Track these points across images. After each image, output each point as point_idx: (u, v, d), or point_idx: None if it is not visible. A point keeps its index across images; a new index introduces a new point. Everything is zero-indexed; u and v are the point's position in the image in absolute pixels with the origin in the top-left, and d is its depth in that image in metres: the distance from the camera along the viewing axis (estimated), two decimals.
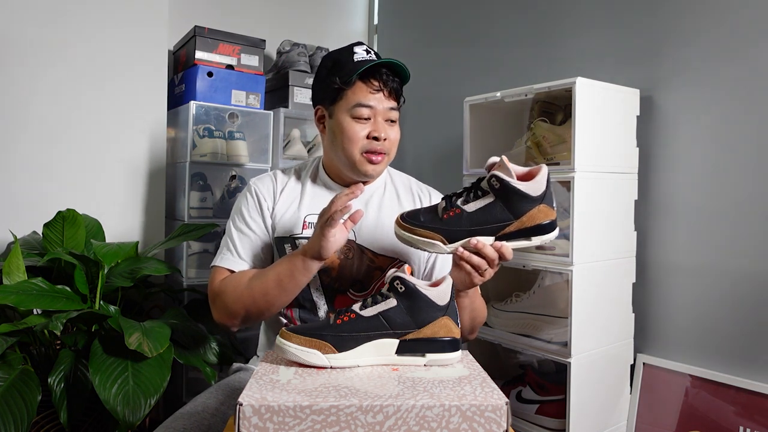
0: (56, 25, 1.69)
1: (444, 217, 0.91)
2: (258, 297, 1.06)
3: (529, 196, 0.88)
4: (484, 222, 0.89)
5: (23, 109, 1.66)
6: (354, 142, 1.12)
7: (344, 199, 0.97)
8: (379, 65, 1.12)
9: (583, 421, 1.31)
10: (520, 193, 0.88)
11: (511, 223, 0.89)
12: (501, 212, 0.89)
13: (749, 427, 1.24)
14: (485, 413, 0.70)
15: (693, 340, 1.38)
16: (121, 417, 1.19)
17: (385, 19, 2.52)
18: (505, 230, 0.89)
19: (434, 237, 0.90)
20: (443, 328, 0.84)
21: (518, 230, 0.89)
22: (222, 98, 1.91)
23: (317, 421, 0.68)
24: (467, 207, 0.90)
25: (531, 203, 0.88)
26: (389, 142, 1.14)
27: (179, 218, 1.90)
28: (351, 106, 1.12)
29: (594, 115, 1.31)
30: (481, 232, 0.90)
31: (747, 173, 1.29)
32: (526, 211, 0.88)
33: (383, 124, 1.13)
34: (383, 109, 1.12)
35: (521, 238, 0.90)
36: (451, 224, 0.90)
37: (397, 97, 1.15)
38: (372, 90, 1.11)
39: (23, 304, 1.26)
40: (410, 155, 2.25)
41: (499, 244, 0.90)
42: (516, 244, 0.91)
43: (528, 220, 0.89)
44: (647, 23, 1.48)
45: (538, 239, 0.90)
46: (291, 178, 1.24)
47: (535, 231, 0.89)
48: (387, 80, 1.12)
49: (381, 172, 1.18)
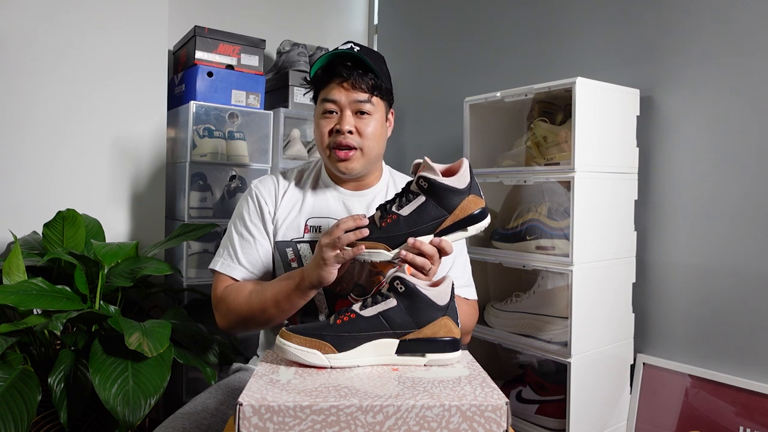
0: (56, 25, 1.69)
1: (382, 225, 0.93)
2: (256, 313, 1.07)
3: (456, 189, 0.92)
4: (420, 222, 0.93)
5: (23, 110, 1.66)
6: (322, 137, 1.12)
7: (351, 225, 0.94)
8: (342, 58, 1.09)
9: (583, 421, 1.31)
10: (448, 188, 0.92)
11: (446, 218, 0.93)
12: (434, 209, 0.93)
13: (749, 427, 1.24)
14: (485, 413, 0.70)
15: (693, 340, 1.38)
16: (121, 417, 1.19)
17: (385, 19, 2.52)
18: (441, 226, 0.93)
19: (377, 246, 0.93)
20: (443, 328, 0.84)
21: (453, 223, 0.93)
22: (222, 98, 1.91)
23: (317, 421, 0.68)
24: (402, 211, 0.93)
25: (460, 196, 0.93)
26: (360, 135, 1.10)
27: (179, 218, 1.90)
28: (320, 102, 1.13)
29: (594, 115, 1.31)
30: (419, 233, 0.93)
31: (747, 173, 1.29)
32: (457, 204, 0.93)
33: (350, 117, 1.10)
34: (349, 102, 1.09)
35: (457, 230, 0.94)
36: (390, 230, 0.93)
37: (367, 87, 1.09)
38: (336, 84, 1.10)
39: (23, 304, 1.25)
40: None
41: (437, 239, 0.93)
42: (453, 237, 0.95)
43: (460, 212, 0.93)
44: (647, 23, 1.48)
45: (473, 228, 0.95)
46: (293, 180, 1.22)
47: (469, 221, 0.94)
48: (351, 72, 1.08)
49: (357, 170, 1.13)
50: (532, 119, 1.52)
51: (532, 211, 1.46)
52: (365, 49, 1.12)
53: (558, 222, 1.40)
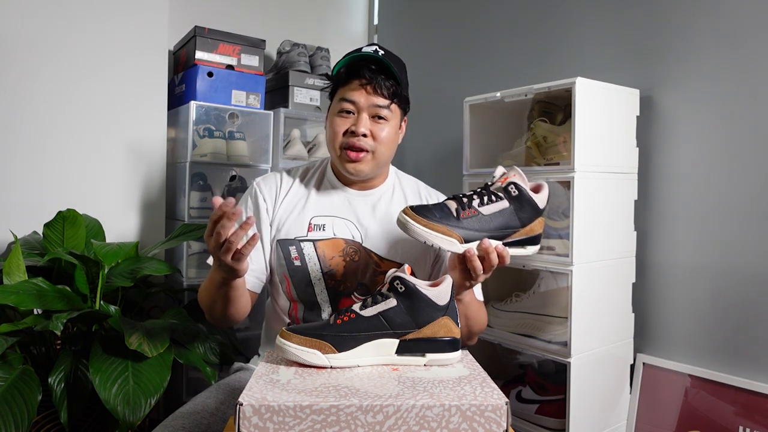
0: (56, 25, 1.69)
1: (461, 216, 0.93)
2: (208, 305, 1.10)
3: (537, 206, 0.94)
4: (496, 226, 0.93)
5: (23, 109, 1.66)
6: (335, 136, 1.12)
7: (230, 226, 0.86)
8: (367, 61, 1.10)
9: (583, 421, 1.31)
10: (532, 203, 0.94)
11: (518, 230, 0.94)
12: (512, 219, 0.94)
13: (749, 427, 1.24)
14: (485, 413, 0.70)
15: (693, 340, 1.38)
16: (121, 417, 1.19)
17: (385, 19, 2.52)
18: (512, 236, 0.95)
19: (452, 235, 0.92)
20: (443, 328, 0.84)
21: (521, 239, 0.95)
22: (222, 98, 1.91)
23: (317, 421, 0.68)
24: (483, 209, 0.94)
25: (536, 214, 0.95)
26: (374, 139, 1.11)
27: (179, 218, 1.90)
28: (338, 100, 1.13)
29: (594, 115, 1.31)
30: (492, 236, 0.94)
31: (747, 173, 1.29)
32: (531, 221, 0.94)
33: (366, 120, 1.10)
34: (368, 105, 1.10)
35: (519, 246, 0.96)
36: (468, 225, 0.93)
37: (388, 94, 1.11)
38: (358, 85, 1.10)
39: (23, 304, 1.25)
40: (410, 155, 2.25)
41: (502, 247, 0.94)
42: (514, 252, 0.96)
43: (530, 229, 0.95)
44: (647, 23, 1.48)
45: (531, 249, 0.96)
46: (297, 178, 1.23)
47: (529, 241, 0.96)
48: (374, 76, 1.09)
49: (365, 172, 1.14)
50: (532, 119, 1.52)
51: None
52: (390, 54, 1.13)
53: (558, 222, 1.40)
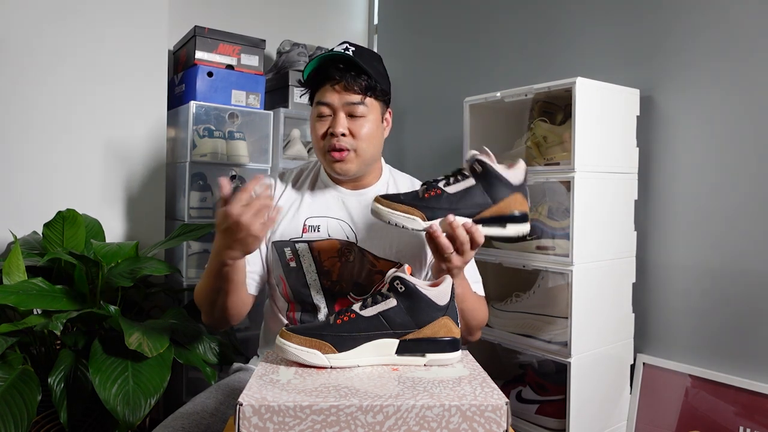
0: (56, 25, 1.69)
1: (425, 196, 0.93)
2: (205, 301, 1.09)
3: (507, 182, 0.92)
4: (463, 203, 0.92)
5: (23, 109, 1.66)
6: (317, 141, 1.13)
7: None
8: (335, 60, 1.09)
9: (583, 421, 1.31)
10: (500, 178, 0.91)
11: (489, 207, 0.92)
12: (480, 196, 0.92)
13: (749, 427, 1.24)
14: (485, 413, 0.70)
15: (693, 340, 1.38)
16: (121, 417, 1.19)
17: (385, 19, 2.52)
18: (482, 214, 0.92)
19: (414, 213, 0.92)
20: (443, 328, 0.84)
21: (494, 216, 0.92)
22: (222, 98, 1.91)
23: (317, 421, 0.68)
24: (448, 189, 0.93)
25: (508, 189, 0.92)
26: (354, 137, 1.10)
27: (179, 218, 1.90)
28: (315, 105, 1.13)
29: (594, 115, 1.31)
30: (459, 214, 0.92)
31: (747, 173, 1.29)
32: (503, 197, 0.92)
33: (343, 119, 1.10)
34: (342, 104, 1.09)
35: (496, 225, 0.93)
36: (431, 203, 0.92)
37: (360, 89, 1.09)
38: (329, 86, 1.09)
39: (23, 304, 1.25)
40: (410, 155, 2.25)
41: (470, 224, 0.92)
42: (490, 230, 0.93)
43: (504, 206, 0.92)
44: (647, 23, 1.48)
45: (512, 228, 0.93)
46: (290, 182, 1.23)
47: (509, 219, 0.93)
48: (343, 74, 1.08)
49: (353, 171, 1.13)
50: (532, 119, 1.52)
51: (532, 211, 1.46)
52: (359, 49, 1.11)
53: (558, 222, 1.40)
